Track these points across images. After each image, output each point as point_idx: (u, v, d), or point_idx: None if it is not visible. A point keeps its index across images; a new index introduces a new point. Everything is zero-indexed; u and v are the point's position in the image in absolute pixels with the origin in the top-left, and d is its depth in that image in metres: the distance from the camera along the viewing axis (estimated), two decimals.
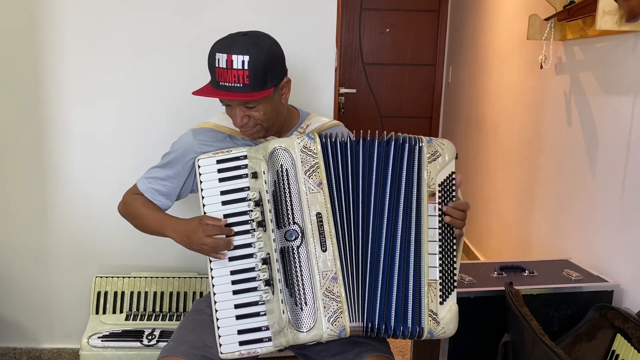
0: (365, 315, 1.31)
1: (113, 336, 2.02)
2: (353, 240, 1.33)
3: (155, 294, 2.17)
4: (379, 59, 4.47)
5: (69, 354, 2.31)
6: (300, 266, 1.30)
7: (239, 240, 1.39)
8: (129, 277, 2.18)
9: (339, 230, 1.32)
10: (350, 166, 1.35)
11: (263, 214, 1.36)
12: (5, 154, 2.18)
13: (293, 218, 1.32)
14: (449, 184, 1.37)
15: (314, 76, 2.16)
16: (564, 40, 2.18)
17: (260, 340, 1.35)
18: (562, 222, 2.22)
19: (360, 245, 1.33)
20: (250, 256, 1.38)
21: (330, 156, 1.35)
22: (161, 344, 1.98)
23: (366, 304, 1.31)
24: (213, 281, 1.39)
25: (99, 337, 2.01)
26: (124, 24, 2.10)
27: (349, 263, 1.32)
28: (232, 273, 1.39)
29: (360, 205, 1.35)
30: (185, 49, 2.12)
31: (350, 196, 1.35)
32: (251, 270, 1.38)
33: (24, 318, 2.29)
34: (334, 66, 2.19)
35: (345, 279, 1.31)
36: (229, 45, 1.36)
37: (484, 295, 1.76)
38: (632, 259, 1.75)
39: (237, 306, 1.37)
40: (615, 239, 1.84)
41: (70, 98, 2.14)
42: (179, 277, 2.19)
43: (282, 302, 1.31)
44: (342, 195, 1.34)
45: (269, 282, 1.35)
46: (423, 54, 4.48)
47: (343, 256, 1.32)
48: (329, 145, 1.35)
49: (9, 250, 2.24)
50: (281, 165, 1.33)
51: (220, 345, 1.36)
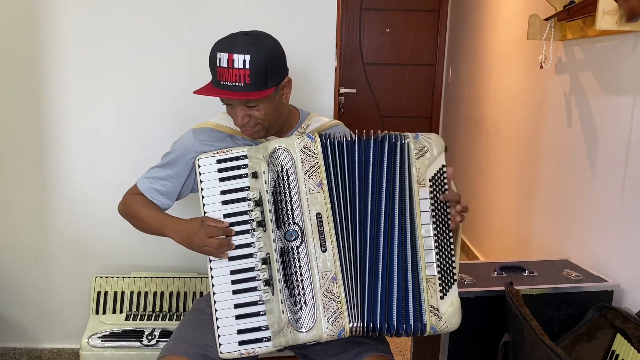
0: (367, 315, 1.31)
1: (113, 336, 2.02)
2: (352, 241, 1.33)
3: (155, 294, 2.17)
4: (379, 59, 4.47)
5: (69, 354, 2.31)
6: (300, 266, 1.30)
7: (239, 240, 1.39)
8: (129, 277, 2.18)
9: (339, 231, 1.32)
10: (349, 166, 1.36)
11: (263, 214, 1.36)
12: (5, 154, 2.18)
13: (293, 218, 1.32)
14: (440, 177, 1.37)
15: (314, 76, 2.16)
16: (564, 40, 2.18)
17: (259, 340, 1.35)
18: (562, 222, 2.22)
19: (359, 246, 1.33)
20: (250, 256, 1.38)
21: (330, 156, 1.35)
22: (161, 344, 1.97)
23: (366, 304, 1.31)
24: (213, 281, 1.39)
25: (99, 337, 2.01)
26: (124, 24, 2.10)
27: (349, 263, 1.32)
28: (232, 273, 1.39)
29: (359, 205, 1.35)
30: (185, 48, 2.12)
31: (350, 196, 1.35)
32: (251, 270, 1.38)
33: (24, 318, 2.29)
34: (334, 66, 2.19)
35: (345, 279, 1.31)
36: (230, 45, 1.36)
37: (484, 295, 1.76)
38: (632, 259, 1.75)
39: (237, 306, 1.37)
40: (615, 239, 1.84)
41: (70, 98, 2.14)
42: (179, 277, 2.19)
43: (282, 302, 1.31)
44: (342, 196, 1.34)
45: (268, 282, 1.35)
46: (423, 54, 4.48)
47: (343, 256, 1.32)
48: (329, 146, 1.35)
49: (9, 250, 2.24)
50: (281, 165, 1.33)
51: (220, 344, 1.36)
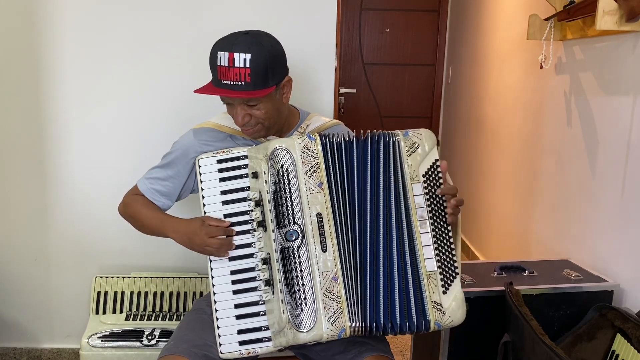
0: (370, 315, 1.31)
1: (113, 336, 2.02)
2: (353, 241, 1.33)
3: (155, 294, 2.17)
4: (379, 59, 4.47)
5: (69, 354, 2.31)
6: (300, 266, 1.30)
7: (239, 240, 1.39)
8: (129, 277, 2.18)
9: (339, 231, 1.32)
10: (348, 166, 1.36)
11: (263, 214, 1.36)
12: (5, 154, 2.17)
13: (293, 218, 1.32)
14: (433, 172, 1.37)
15: (314, 76, 2.16)
16: (564, 40, 2.18)
17: (260, 340, 1.35)
18: (562, 222, 2.22)
19: (360, 246, 1.33)
20: (250, 256, 1.38)
21: (330, 156, 1.35)
22: (161, 344, 1.97)
23: (369, 303, 1.31)
24: (213, 281, 1.39)
25: (99, 337, 2.01)
26: (124, 24, 2.10)
27: (349, 263, 1.32)
28: (232, 273, 1.39)
29: (358, 205, 1.35)
30: (186, 49, 2.12)
31: (350, 196, 1.35)
32: (251, 270, 1.38)
33: (24, 318, 2.29)
34: (334, 66, 2.19)
35: (346, 279, 1.31)
36: (231, 44, 1.36)
37: (484, 295, 1.76)
38: (632, 259, 1.75)
39: (237, 306, 1.37)
40: (615, 239, 1.84)
41: (71, 98, 2.14)
42: (179, 277, 2.19)
43: (282, 302, 1.31)
44: (342, 196, 1.35)
45: (269, 282, 1.35)
46: (423, 54, 4.48)
47: (343, 256, 1.32)
48: (329, 146, 1.35)
49: (9, 250, 2.24)
50: (282, 165, 1.33)
51: (220, 345, 1.36)
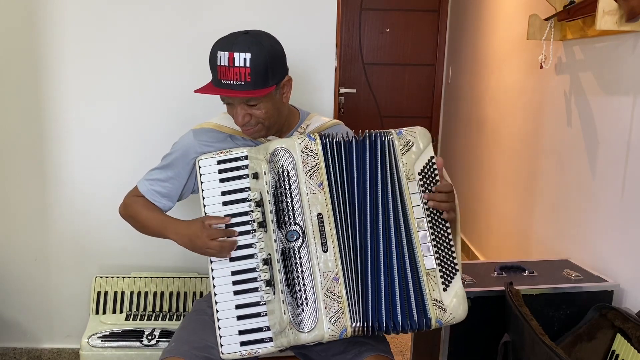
0: (372, 314, 1.31)
1: (113, 336, 2.02)
2: (353, 241, 1.33)
3: (155, 294, 2.17)
4: (379, 59, 4.47)
5: (69, 354, 2.31)
6: (301, 267, 1.30)
7: (240, 240, 1.39)
8: (129, 277, 2.18)
9: (340, 231, 1.33)
10: (347, 166, 1.36)
11: (264, 215, 1.36)
12: (5, 154, 2.17)
13: (294, 218, 1.32)
14: (429, 170, 1.37)
15: (314, 76, 2.16)
16: (564, 40, 2.18)
17: (261, 341, 1.35)
18: (562, 222, 2.22)
19: (360, 246, 1.33)
20: (251, 257, 1.38)
21: (330, 156, 1.35)
22: (161, 344, 1.97)
23: (370, 303, 1.31)
24: (214, 282, 1.39)
25: (99, 337, 2.01)
26: (124, 24, 2.10)
27: (350, 263, 1.32)
28: (233, 273, 1.39)
29: (358, 205, 1.35)
30: (186, 48, 2.11)
31: (350, 196, 1.35)
32: (252, 270, 1.38)
33: (24, 318, 2.29)
34: (334, 66, 2.19)
35: (346, 279, 1.31)
36: (231, 43, 1.36)
37: (484, 295, 1.76)
38: (632, 259, 1.75)
39: (238, 307, 1.37)
40: (615, 239, 1.84)
41: (71, 98, 2.14)
42: (179, 277, 2.19)
43: (283, 303, 1.31)
44: (343, 196, 1.35)
45: (270, 283, 1.35)
46: (423, 54, 4.48)
47: (344, 256, 1.32)
48: (329, 146, 1.35)
49: (9, 250, 2.24)
50: (282, 165, 1.33)
51: (222, 345, 1.36)
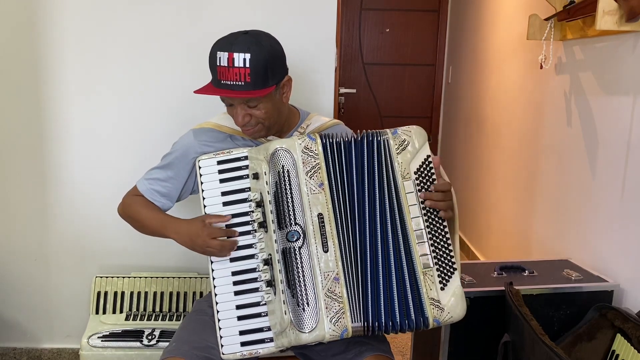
0: (370, 314, 1.31)
1: (113, 336, 2.02)
2: (354, 241, 1.33)
3: (155, 294, 2.17)
4: (379, 59, 4.47)
5: (69, 354, 2.31)
6: (302, 267, 1.30)
7: (240, 240, 1.39)
8: (129, 277, 2.18)
9: (341, 231, 1.33)
10: (347, 166, 1.36)
11: (264, 215, 1.36)
12: (5, 154, 2.17)
13: (294, 219, 1.32)
14: (425, 168, 1.37)
15: (314, 76, 2.16)
16: (564, 40, 2.18)
17: (262, 341, 1.35)
18: (562, 222, 2.22)
19: (360, 246, 1.33)
20: (251, 257, 1.38)
21: (331, 157, 1.35)
22: (161, 344, 1.98)
23: (370, 303, 1.31)
24: (214, 282, 1.39)
25: (99, 337, 2.01)
26: (124, 24, 2.10)
27: (351, 263, 1.32)
28: (234, 274, 1.39)
29: (357, 205, 1.35)
30: (186, 48, 2.11)
31: (350, 196, 1.35)
32: (253, 271, 1.38)
33: (24, 318, 2.29)
34: (334, 66, 2.19)
35: (347, 279, 1.31)
36: (230, 44, 1.36)
37: (484, 295, 1.76)
38: (632, 259, 1.75)
39: (239, 307, 1.37)
40: (615, 239, 1.84)
41: (71, 98, 2.14)
42: (179, 277, 2.19)
43: (284, 303, 1.31)
44: (343, 196, 1.35)
45: (270, 283, 1.35)
46: (423, 54, 4.48)
47: (344, 257, 1.32)
48: (329, 146, 1.35)
49: (9, 250, 2.24)
50: (282, 166, 1.33)
51: (222, 346, 1.36)
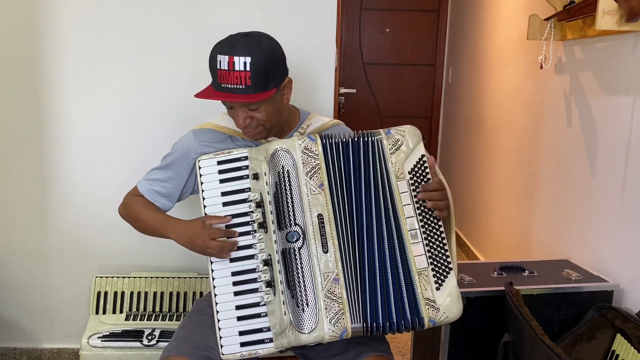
0: (369, 315, 1.31)
1: (113, 336, 2.02)
2: (353, 241, 1.33)
3: (155, 294, 2.17)
4: (379, 59, 4.47)
5: (69, 354, 2.31)
6: (301, 268, 1.30)
7: (240, 241, 1.39)
8: (129, 277, 2.18)
9: (340, 232, 1.33)
10: (345, 167, 1.36)
11: (264, 215, 1.36)
12: (5, 154, 2.17)
13: (294, 219, 1.32)
14: (420, 168, 1.37)
15: (314, 76, 2.16)
16: (564, 40, 2.18)
17: (261, 342, 1.35)
18: (562, 222, 2.22)
19: (359, 246, 1.33)
20: (251, 257, 1.38)
21: (331, 157, 1.35)
22: (161, 344, 1.97)
23: (368, 304, 1.31)
24: (214, 282, 1.39)
25: (99, 337, 2.01)
26: (124, 24, 2.09)
27: (350, 264, 1.32)
28: (234, 274, 1.39)
29: (356, 205, 1.35)
30: (186, 48, 2.11)
31: (349, 197, 1.35)
32: (252, 271, 1.38)
33: (24, 318, 2.29)
34: (334, 66, 2.19)
35: (347, 280, 1.31)
36: (230, 47, 1.36)
37: (484, 295, 1.76)
38: (632, 259, 1.75)
39: (239, 307, 1.37)
40: (615, 239, 1.84)
41: (71, 98, 2.14)
42: (179, 277, 2.19)
43: (284, 304, 1.31)
44: (342, 196, 1.35)
45: (270, 284, 1.35)
46: (423, 54, 4.48)
47: (344, 257, 1.32)
48: (329, 146, 1.35)
49: (9, 250, 2.24)
50: (282, 166, 1.33)
51: (222, 346, 1.36)
